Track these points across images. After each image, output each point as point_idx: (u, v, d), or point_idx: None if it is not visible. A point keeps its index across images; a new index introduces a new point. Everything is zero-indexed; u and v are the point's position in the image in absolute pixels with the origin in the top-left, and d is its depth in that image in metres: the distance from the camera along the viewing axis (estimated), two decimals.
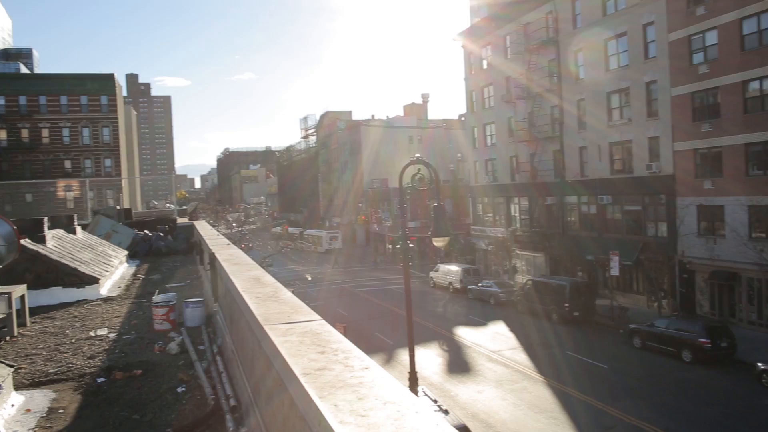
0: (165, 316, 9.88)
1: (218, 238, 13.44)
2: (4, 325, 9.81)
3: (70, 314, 11.73)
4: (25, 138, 68.72)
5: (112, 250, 18.60)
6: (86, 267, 14.07)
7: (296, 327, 3.82)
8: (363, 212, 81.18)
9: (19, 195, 57.20)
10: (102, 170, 70.43)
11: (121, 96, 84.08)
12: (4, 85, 70.13)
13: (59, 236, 16.03)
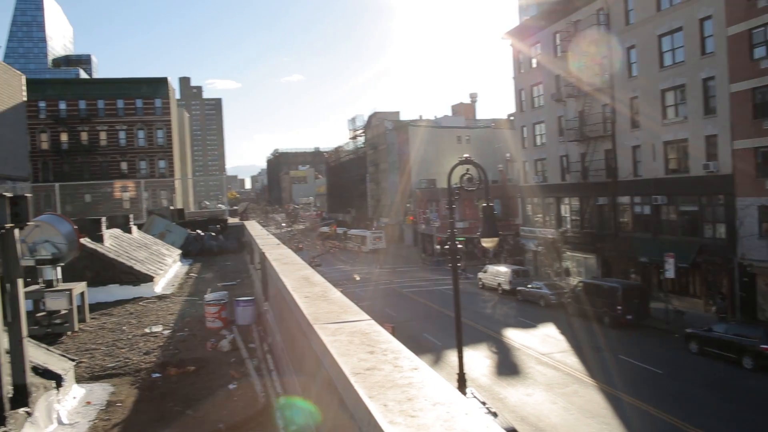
0: (217, 314, 10.08)
1: (268, 237, 13.63)
2: (66, 320, 10.19)
3: (127, 311, 12.09)
4: (84, 141, 71.26)
5: (166, 249, 19.08)
6: (141, 265, 14.47)
7: (345, 327, 3.84)
8: (411, 212, 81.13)
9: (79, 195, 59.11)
10: (156, 171, 72.39)
11: (174, 99, 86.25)
12: (65, 90, 72.88)
13: (116, 235, 16.53)
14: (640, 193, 38.76)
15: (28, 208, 4.75)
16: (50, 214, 11.39)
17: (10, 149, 47.99)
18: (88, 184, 59.71)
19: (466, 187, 14.21)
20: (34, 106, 67.02)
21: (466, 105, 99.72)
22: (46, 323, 10.05)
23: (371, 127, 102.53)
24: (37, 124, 68.42)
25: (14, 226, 4.77)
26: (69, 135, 70.87)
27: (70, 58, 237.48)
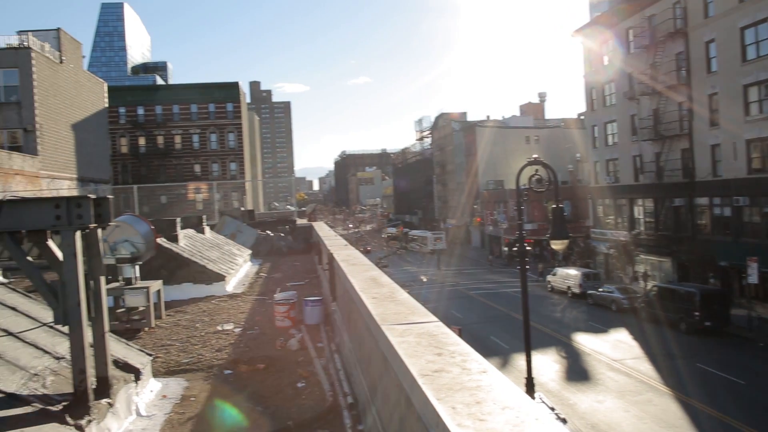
0: (286, 313, 10.27)
1: (336, 239, 13.79)
2: (143, 316, 10.61)
3: (200, 309, 12.48)
4: (160, 144, 74.14)
5: (237, 249, 19.60)
6: (214, 265, 14.91)
7: (413, 328, 3.83)
8: (478, 214, 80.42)
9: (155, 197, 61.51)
10: (228, 173, 74.48)
11: (245, 103, 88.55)
12: (143, 96, 76.09)
13: (190, 235, 17.10)
14: (719, 193, 37.04)
15: (110, 209, 4.97)
16: (129, 214, 11.90)
17: (93, 153, 50.44)
18: (164, 186, 62.08)
19: (535, 188, 13.95)
20: (115, 112, 70.22)
21: (534, 105, 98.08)
22: (126, 319, 10.49)
23: (438, 128, 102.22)
24: (117, 129, 71.66)
25: (97, 226, 5.00)
26: (146, 139, 73.90)
27: (147, 66, 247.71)
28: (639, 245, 44.06)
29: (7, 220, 4.55)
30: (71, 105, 46.38)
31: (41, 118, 40.74)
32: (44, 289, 4.76)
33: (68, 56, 46.41)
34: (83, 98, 49.25)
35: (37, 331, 6.16)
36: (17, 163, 36.61)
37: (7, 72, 40.02)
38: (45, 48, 43.04)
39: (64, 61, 45.56)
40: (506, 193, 67.78)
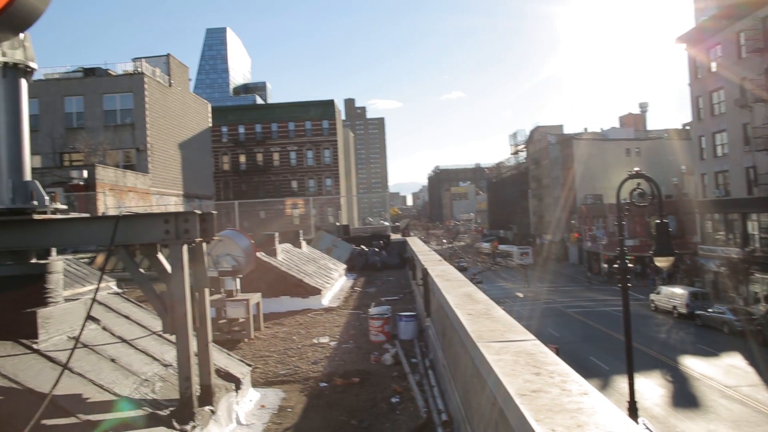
0: (380, 328, 10.32)
1: (430, 254, 13.76)
2: (244, 328, 10.99)
3: (297, 321, 12.77)
4: (260, 161, 77.09)
5: (333, 264, 19.96)
6: (310, 279, 15.25)
7: (510, 346, 3.74)
8: (576, 229, 78.00)
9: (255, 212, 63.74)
10: (323, 189, 76.29)
11: (340, 120, 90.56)
12: (244, 115, 79.51)
13: (287, 250, 17.59)
14: None
15: (214, 224, 5.19)
16: (231, 229, 12.40)
17: (198, 170, 53.10)
18: (263, 202, 64.29)
19: (637, 203, 13.36)
20: (218, 131, 73.72)
21: (635, 115, 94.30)
22: (227, 330, 10.89)
23: (533, 142, 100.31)
24: (219, 147, 75.16)
25: (203, 240, 5.23)
26: (247, 156, 77.07)
27: (248, 86, 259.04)
28: (754, 263, 41.15)
29: (123, 234, 4.84)
30: (179, 125, 49.11)
31: (152, 139, 43.35)
32: (154, 300, 5.02)
33: (176, 80, 49.26)
34: (189, 119, 52.06)
35: (148, 338, 6.51)
36: (130, 181, 39.09)
37: (123, 96, 42.94)
38: (156, 73, 45.90)
39: (173, 85, 48.38)
40: (605, 208, 65.35)
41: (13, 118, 5.25)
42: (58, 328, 5.37)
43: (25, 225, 5.10)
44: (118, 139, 42.35)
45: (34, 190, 5.28)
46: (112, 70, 45.63)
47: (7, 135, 5.23)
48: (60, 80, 43.89)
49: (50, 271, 5.41)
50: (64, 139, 42.07)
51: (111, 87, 43.29)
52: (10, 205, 5.16)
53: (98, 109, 43.03)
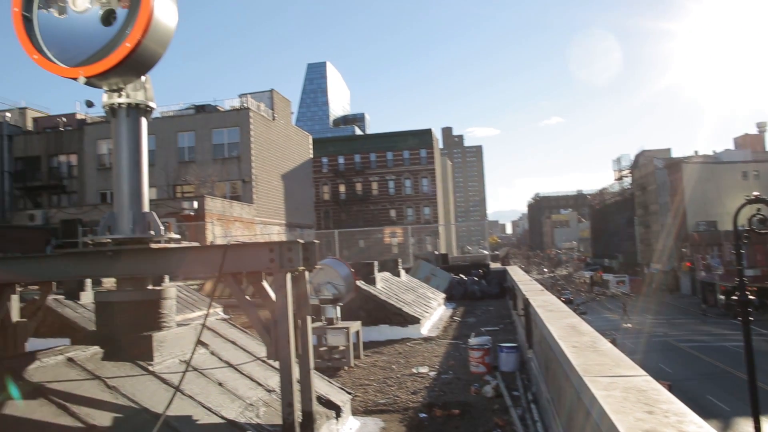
0: (480, 359, 10.13)
1: (531, 283, 13.43)
2: (344, 356, 11.11)
3: (396, 350, 12.77)
4: (359, 191, 78.60)
5: (431, 293, 19.88)
6: (409, 308, 15.24)
7: (618, 381, 3.56)
8: (687, 258, 73.70)
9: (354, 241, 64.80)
10: (422, 218, 76.54)
11: (438, 148, 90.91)
12: (343, 146, 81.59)
13: (386, 278, 17.70)
14: None
15: (316, 253, 5.32)
16: (331, 258, 12.64)
17: (299, 200, 54.79)
18: (362, 231, 65.23)
19: (757, 230, 12.48)
20: (318, 162, 75.93)
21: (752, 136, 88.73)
22: (327, 357, 11.05)
23: (639, 167, 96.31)
24: (320, 178, 77.31)
25: (305, 269, 5.36)
26: (346, 186, 78.80)
27: (347, 118, 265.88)
28: None
29: (231, 262, 5.05)
30: (281, 157, 51.02)
31: (256, 170, 45.26)
32: (259, 326, 5.17)
33: (279, 113, 51.37)
34: (291, 150, 53.99)
35: (252, 364, 6.71)
36: (236, 211, 40.88)
37: (230, 131, 45.25)
38: (260, 107, 48.09)
39: (276, 118, 50.46)
40: (721, 235, 61.43)
41: (134, 154, 5.66)
42: (171, 351, 5.65)
43: (144, 253, 5.43)
44: (226, 171, 44.53)
45: (151, 220, 5.63)
46: (220, 107, 48.29)
47: (129, 170, 5.63)
48: (174, 117, 46.91)
49: (165, 297, 5.72)
50: (177, 172, 44.74)
51: (219, 122, 45.76)
52: (131, 234, 5.52)
53: (207, 143, 45.53)
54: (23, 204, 48.77)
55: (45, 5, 5.34)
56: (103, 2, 5.27)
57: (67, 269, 5.68)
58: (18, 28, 5.26)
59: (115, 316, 5.57)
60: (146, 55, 5.23)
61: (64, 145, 49.15)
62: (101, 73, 5.11)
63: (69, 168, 49.24)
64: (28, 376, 4.49)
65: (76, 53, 5.23)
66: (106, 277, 9.02)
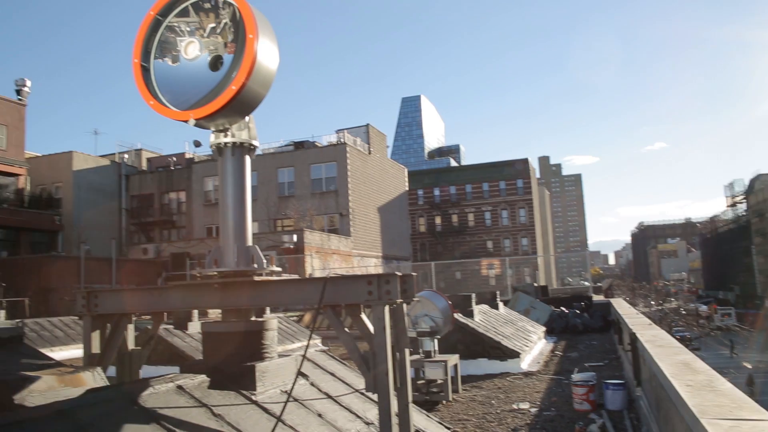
0: (585, 395, 9.70)
1: (638, 317, 12.79)
2: (442, 389, 10.96)
3: (495, 385, 12.47)
4: (455, 222, 78.31)
5: (531, 326, 19.34)
6: (508, 341, 14.89)
7: (742, 425, 3.29)
8: None
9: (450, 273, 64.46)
10: (519, 249, 75.07)
11: (535, 178, 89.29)
12: (438, 178, 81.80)
13: (484, 311, 17.41)
14: None
15: (414, 285, 5.31)
16: (428, 290, 12.60)
17: (395, 233, 55.20)
18: (459, 263, 64.81)
19: None
20: (414, 194, 76.46)
21: None
22: (425, 391, 10.94)
23: (755, 192, 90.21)
24: (416, 210, 77.71)
25: (403, 301, 5.37)
26: (442, 218, 78.75)
27: (442, 150, 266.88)
28: None
29: (330, 294, 5.14)
30: (377, 190, 51.77)
31: (353, 204, 46.12)
32: (357, 358, 5.21)
33: (375, 147, 52.31)
34: (387, 183, 54.68)
35: (351, 396, 6.75)
36: (334, 244, 41.71)
37: (328, 165, 46.52)
38: (357, 142, 49.20)
39: (372, 152, 51.41)
40: None
41: (239, 190, 5.92)
42: (272, 381, 5.78)
43: (247, 286, 5.64)
44: (324, 205, 45.70)
45: (254, 254, 5.84)
46: (318, 142, 49.86)
47: (234, 206, 5.90)
48: (274, 154, 48.86)
49: (267, 328, 5.89)
50: (277, 207, 46.38)
51: (317, 158, 47.19)
52: (235, 267, 5.75)
53: (306, 178, 47.00)
54: (138, 238, 52.09)
55: (161, 55, 5.76)
56: (212, 49, 5.61)
57: (177, 300, 5.99)
58: (137, 77, 5.69)
59: (220, 346, 5.79)
60: (250, 97, 5.50)
61: (174, 183, 52.28)
62: (209, 115, 5.42)
63: (178, 204, 52.25)
64: (143, 402, 4.72)
65: (186, 98, 5.58)
66: (212, 309, 9.42)
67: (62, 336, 21.29)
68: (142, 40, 5.73)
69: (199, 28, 5.70)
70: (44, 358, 5.48)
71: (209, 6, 5.66)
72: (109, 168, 52.61)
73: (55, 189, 48.72)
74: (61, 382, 4.82)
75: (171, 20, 5.78)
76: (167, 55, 5.78)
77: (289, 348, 15.23)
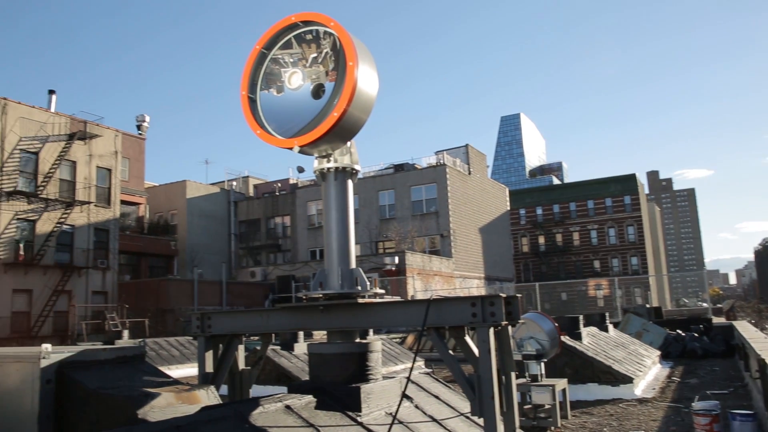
0: (708, 426, 9.04)
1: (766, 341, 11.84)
2: (550, 415, 10.59)
3: (606, 412, 11.90)
4: (559, 242, 76.11)
5: (644, 350, 18.37)
6: (620, 365, 14.20)
7: None
8: None
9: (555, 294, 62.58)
10: (629, 268, 71.77)
11: (644, 194, 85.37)
12: (541, 196, 79.98)
13: (593, 333, 16.72)
14: None
15: (518, 307, 5.20)
16: (534, 312, 12.27)
17: (497, 253, 54.35)
18: (564, 283, 62.79)
19: None
20: (516, 214, 75.13)
21: None
22: (532, 416, 10.61)
23: None
24: (518, 230, 76.25)
25: (508, 323, 5.26)
26: (545, 237, 76.79)
27: (543, 168, 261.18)
28: None
29: (433, 316, 5.13)
30: (478, 210, 51.30)
31: (454, 225, 45.91)
32: (462, 381, 5.14)
33: (475, 167, 51.98)
34: (488, 204, 54.09)
35: (456, 419, 6.65)
36: (435, 265, 41.61)
37: (428, 187, 46.68)
38: (456, 163, 49.10)
39: (472, 173, 51.10)
40: None
41: (342, 214, 6.06)
42: (377, 403, 5.81)
43: (351, 308, 5.72)
44: (424, 227, 45.78)
45: (358, 276, 5.94)
46: (418, 164, 50.18)
47: (338, 229, 6.03)
48: (375, 177, 49.61)
49: (371, 350, 5.94)
50: (379, 230, 46.94)
51: (417, 179, 47.46)
52: (340, 290, 5.86)
53: (406, 200, 47.34)
54: (246, 262, 54.33)
55: (266, 86, 6.04)
56: (314, 78, 5.82)
57: (284, 322, 6.18)
58: (245, 108, 5.99)
59: (326, 367, 5.89)
60: (351, 123, 5.63)
61: (279, 208, 54.24)
62: (312, 142, 5.60)
63: (283, 228, 54.10)
64: (253, 420, 4.87)
65: (290, 126, 5.81)
66: (318, 330, 9.62)
67: (178, 355, 22.50)
68: (249, 73, 6.03)
69: (301, 59, 5.94)
70: (163, 376, 5.78)
71: (311, 37, 5.89)
72: (219, 195, 55.43)
73: (170, 216, 51.88)
74: (178, 399, 5.07)
75: (275, 53, 6.05)
76: (272, 86, 6.06)
77: (392, 370, 15.27)
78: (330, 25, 5.64)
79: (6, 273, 32.10)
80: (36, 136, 33.74)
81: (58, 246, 34.52)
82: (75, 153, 35.71)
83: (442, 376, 8.57)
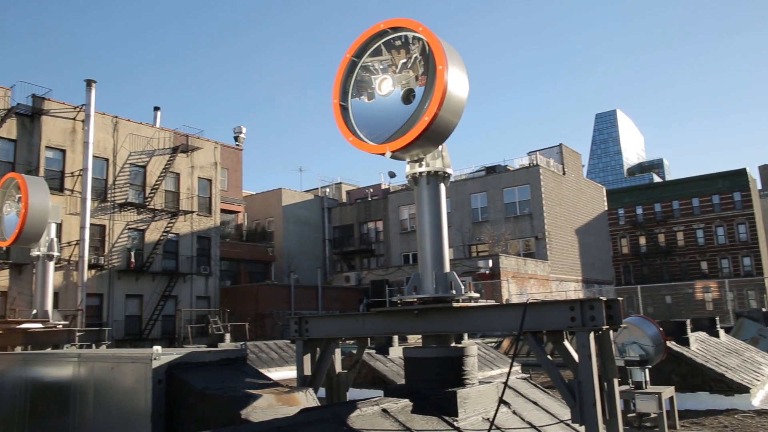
0: None
1: None
2: (656, 424, 10.10)
3: (720, 423, 11.23)
4: (661, 242, 72.55)
5: (761, 357, 17.19)
6: (734, 373, 13.35)
7: None
8: None
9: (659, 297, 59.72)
10: (741, 269, 67.41)
11: (756, 189, 79.90)
12: (640, 195, 76.59)
13: (702, 339, 15.83)
14: None
15: (620, 311, 5.00)
16: (636, 316, 11.76)
17: (595, 255, 52.55)
18: (668, 286, 59.78)
19: None
20: (614, 214, 72.30)
21: None
22: (637, 425, 10.17)
23: None
24: (617, 231, 73.34)
25: (609, 328, 5.07)
26: (646, 238, 73.42)
27: (642, 165, 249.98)
28: None
29: (530, 321, 5.02)
30: (574, 211, 49.82)
31: (549, 226, 44.80)
32: (562, 387, 4.99)
33: (570, 167, 50.54)
34: (584, 204, 52.42)
35: (555, 426, 6.47)
36: (530, 268, 40.75)
37: (521, 189, 45.85)
38: (550, 163, 47.93)
39: (567, 173, 49.72)
40: None
41: (435, 218, 6.05)
42: (474, 408, 5.74)
43: (446, 312, 5.70)
44: (518, 229, 44.95)
45: (452, 280, 5.90)
46: (510, 166, 49.41)
47: (431, 233, 6.03)
48: (467, 180, 49.27)
49: (467, 354, 5.89)
50: (471, 233, 46.54)
51: (510, 181, 46.71)
52: (434, 294, 5.85)
53: (499, 202, 46.69)
54: (340, 267, 55.35)
55: (357, 94, 6.14)
56: (404, 83, 5.86)
57: (379, 326, 6.24)
58: (337, 116, 6.12)
59: (421, 371, 5.90)
60: (442, 126, 5.62)
61: (372, 213, 54.91)
62: (404, 147, 5.63)
63: (376, 233, 54.71)
64: (351, 423, 4.94)
65: (382, 132, 5.87)
66: (412, 334, 9.65)
67: (277, 358, 23.22)
68: (341, 82, 6.16)
69: (391, 65, 5.99)
70: (264, 378, 5.98)
71: (400, 43, 5.93)
72: (313, 202, 56.82)
73: (267, 223, 53.70)
74: (278, 401, 5.23)
75: (365, 60, 6.14)
76: (363, 93, 6.15)
77: (488, 375, 15.07)
78: (419, 29, 5.65)
79: (120, 279, 34.29)
80: (143, 150, 35.91)
81: (164, 253, 36.52)
82: (178, 165, 37.69)
83: (539, 382, 8.37)
